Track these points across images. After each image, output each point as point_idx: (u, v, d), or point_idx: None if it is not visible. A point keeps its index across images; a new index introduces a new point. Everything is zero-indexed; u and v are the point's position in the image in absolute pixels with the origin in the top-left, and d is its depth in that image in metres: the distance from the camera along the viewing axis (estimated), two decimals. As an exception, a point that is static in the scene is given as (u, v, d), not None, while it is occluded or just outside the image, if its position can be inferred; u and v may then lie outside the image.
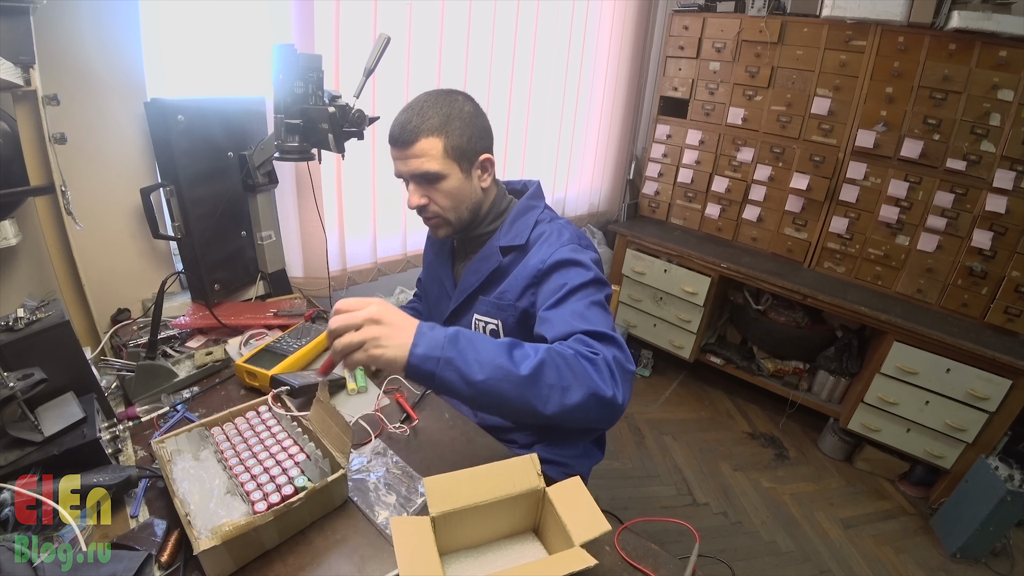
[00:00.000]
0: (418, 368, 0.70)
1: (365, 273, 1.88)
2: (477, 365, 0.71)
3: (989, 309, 1.93)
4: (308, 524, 0.76)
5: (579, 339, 0.81)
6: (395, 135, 0.95)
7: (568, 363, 0.75)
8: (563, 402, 0.73)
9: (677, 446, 2.30)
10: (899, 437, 2.05)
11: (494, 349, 0.73)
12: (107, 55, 1.16)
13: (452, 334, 0.72)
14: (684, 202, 2.60)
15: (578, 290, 0.91)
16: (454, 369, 0.70)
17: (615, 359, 0.79)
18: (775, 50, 2.18)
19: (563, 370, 0.74)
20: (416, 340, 0.70)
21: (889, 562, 1.82)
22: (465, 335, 0.73)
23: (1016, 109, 1.78)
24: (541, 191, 1.12)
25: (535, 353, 0.74)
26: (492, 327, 1.05)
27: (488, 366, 0.71)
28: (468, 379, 0.70)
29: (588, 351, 0.78)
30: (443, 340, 0.71)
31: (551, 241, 1.00)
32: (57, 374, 0.79)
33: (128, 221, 1.29)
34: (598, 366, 0.76)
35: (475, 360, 0.71)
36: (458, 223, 1.03)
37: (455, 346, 0.71)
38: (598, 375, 0.75)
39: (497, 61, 1.99)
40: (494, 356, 0.72)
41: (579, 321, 0.85)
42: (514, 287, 1.01)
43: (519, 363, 0.72)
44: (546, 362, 0.73)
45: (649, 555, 0.76)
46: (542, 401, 0.72)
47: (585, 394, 0.74)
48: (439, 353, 0.70)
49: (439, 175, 0.95)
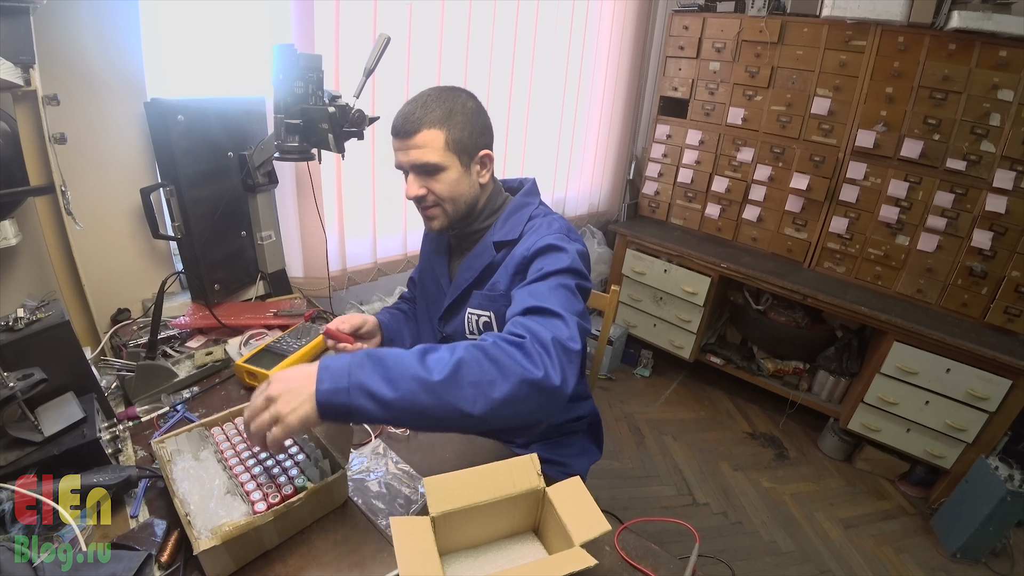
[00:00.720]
0: (328, 404, 0.65)
1: (365, 273, 1.88)
2: (388, 383, 0.66)
3: (989, 309, 1.93)
4: (308, 524, 0.77)
5: (517, 320, 0.78)
6: (397, 126, 0.96)
7: (488, 354, 0.69)
8: (491, 396, 0.67)
9: (677, 446, 2.30)
10: (899, 437, 2.05)
11: (404, 361, 0.68)
12: (107, 55, 1.16)
13: (358, 358, 0.68)
14: (684, 202, 2.60)
15: (552, 275, 0.88)
16: (364, 393, 0.65)
17: (554, 339, 0.73)
18: (775, 50, 2.18)
19: (483, 363, 0.69)
20: (319, 377, 0.66)
21: (889, 562, 1.82)
22: (373, 355, 0.69)
23: (1016, 109, 1.78)
24: (536, 188, 1.12)
25: (451, 353, 0.69)
26: (485, 319, 1.05)
27: (400, 380, 0.66)
28: (382, 400, 0.65)
29: (515, 335, 0.74)
30: (347, 367, 0.67)
31: (539, 230, 1.00)
32: (57, 374, 0.79)
33: (128, 221, 1.29)
34: (525, 348, 0.71)
35: (384, 378, 0.66)
36: (454, 216, 1.03)
37: (361, 369, 0.67)
38: (526, 358, 0.70)
39: (497, 61, 1.99)
40: (405, 368, 0.67)
41: (531, 298, 0.81)
42: (504, 277, 1.02)
43: (432, 368, 0.67)
44: (463, 360, 0.68)
45: (649, 555, 0.76)
46: (468, 402, 0.67)
47: (514, 383, 0.68)
48: (345, 383, 0.65)
49: (439, 167, 0.96)
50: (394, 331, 1.16)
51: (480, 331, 1.07)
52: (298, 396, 0.66)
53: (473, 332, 1.08)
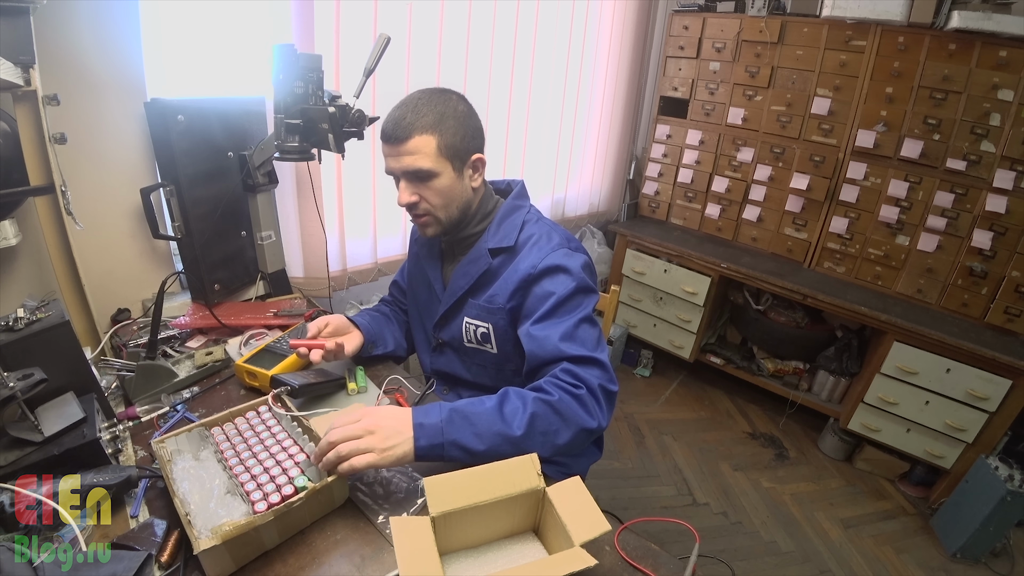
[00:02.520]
0: (426, 456, 0.78)
1: (365, 273, 1.88)
2: (477, 439, 0.79)
3: (989, 309, 1.93)
4: (308, 524, 0.76)
5: (565, 369, 0.88)
6: (388, 132, 0.94)
7: (555, 408, 0.83)
8: (555, 444, 0.82)
9: (677, 446, 2.30)
10: (899, 437, 2.05)
11: (488, 417, 0.80)
12: (107, 55, 1.16)
13: (447, 417, 0.79)
14: (684, 202, 2.60)
15: (565, 301, 0.94)
16: (458, 448, 0.78)
17: (600, 386, 0.86)
18: (775, 50, 2.18)
19: (551, 417, 0.82)
20: (417, 435, 0.77)
21: (889, 562, 1.82)
22: (459, 413, 0.80)
23: (1016, 109, 1.78)
24: (525, 190, 1.12)
25: (524, 407, 0.82)
26: (483, 330, 1.05)
27: (487, 435, 0.79)
28: (472, 452, 0.79)
29: (572, 385, 0.85)
30: (440, 426, 0.78)
31: (541, 245, 1.00)
32: (57, 374, 0.79)
33: (128, 221, 1.29)
34: (583, 401, 0.84)
35: (474, 434, 0.79)
36: (448, 222, 1.02)
37: (452, 427, 0.79)
38: (584, 410, 0.84)
39: (497, 61, 1.99)
40: (490, 424, 0.80)
41: (566, 344, 0.90)
42: (504, 291, 1.01)
43: (511, 422, 0.80)
44: (536, 415, 0.81)
45: (649, 555, 0.76)
46: (537, 448, 0.79)
47: (575, 432, 0.83)
48: (440, 439, 0.78)
49: (431, 173, 0.94)
50: (375, 333, 1.16)
51: (478, 341, 1.07)
52: (398, 438, 0.77)
53: (471, 341, 1.08)
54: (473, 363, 1.11)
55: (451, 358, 1.14)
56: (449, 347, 1.13)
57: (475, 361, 1.11)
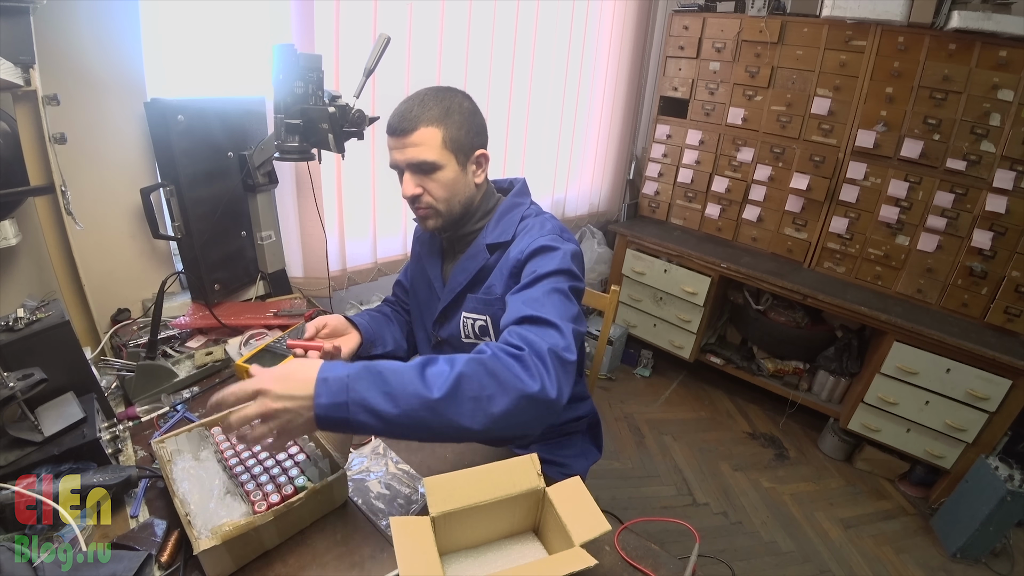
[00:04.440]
0: (328, 419, 0.66)
1: (365, 273, 1.88)
2: (388, 398, 0.66)
3: (989, 309, 1.92)
4: (308, 524, 0.77)
5: (513, 330, 0.78)
6: (394, 124, 0.95)
7: (488, 368, 0.69)
8: (489, 411, 0.67)
9: (677, 446, 2.30)
10: (899, 437, 2.05)
11: (405, 375, 0.68)
12: (107, 55, 1.16)
13: (355, 371, 0.67)
14: (684, 202, 2.60)
15: (544, 277, 0.89)
16: (364, 409, 0.65)
17: (550, 350, 0.73)
18: (775, 50, 2.18)
19: (483, 378, 0.68)
20: (317, 391, 0.65)
21: (889, 562, 1.82)
22: (371, 368, 0.68)
23: (1016, 109, 1.78)
24: (527, 188, 1.12)
25: (451, 367, 0.69)
26: (481, 323, 1.05)
27: (401, 396, 0.66)
28: (382, 415, 0.65)
29: (514, 346, 0.73)
30: (346, 381, 0.66)
31: (532, 232, 1.00)
32: (57, 374, 0.79)
33: (128, 221, 1.29)
34: (524, 361, 0.71)
35: (384, 393, 0.66)
36: (448, 216, 1.02)
37: (360, 383, 0.66)
38: (524, 371, 0.70)
39: (497, 61, 1.99)
40: (405, 384, 0.67)
41: (527, 306, 0.81)
42: (499, 280, 1.01)
43: (432, 384, 0.67)
44: (464, 375, 0.68)
45: (649, 555, 0.76)
46: (467, 417, 0.67)
47: (513, 398, 0.68)
48: (344, 397, 0.65)
49: (436, 165, 0.95)
50: (374, 333, 1.15)
51: (476, 335, 1.07)
52: (295, 404, 0.65)
53: (469, 336, 1.08)
54: None
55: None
56: (448, 344, 1.13)
57: None
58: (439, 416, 0.66)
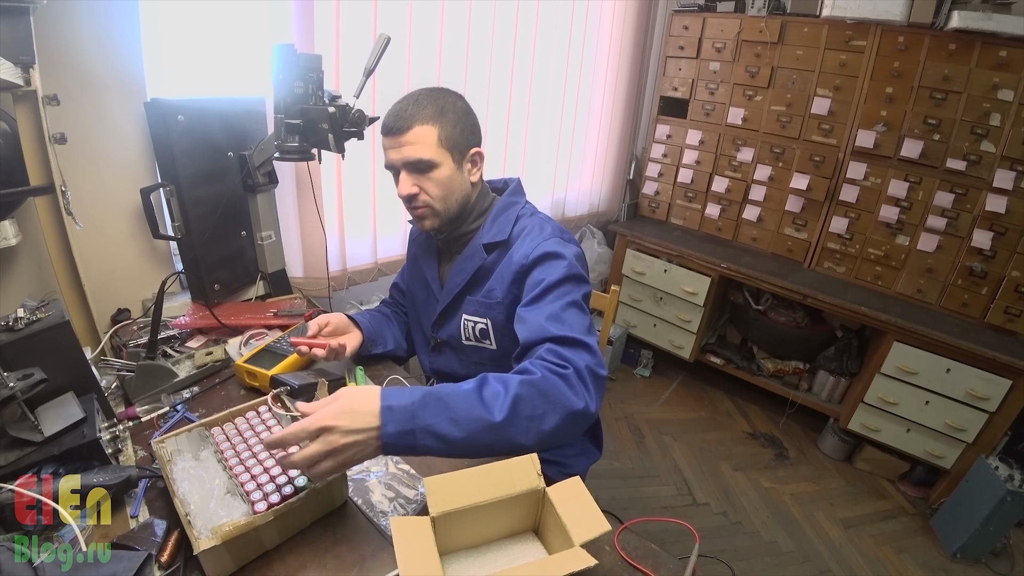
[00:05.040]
0: (395, 445, 0.68)
1: (365, 273, 1.88)
2: (454, 424, 0.69)
3: (989, 309, 1.93)
4: (308, 524, 0.76)
5: (550, 349, 0.82)
6: (389, 124, 0.96)
7: (539, 389, 0.74)
8: (541, 430, 0.73)
9: (677, 446, 2.30)
10: (899, 437, 2.05)
11: (466, 400, 0.71)
12: (107, 55, 1.16)
13: (419, 398, 0.70)
14: (684, 202, 2.60)
15: (556, 287, 0.91)
16: (433, 435, 0.68)
17: (587, 367, 0.79)
18: (775, 50, 2.18)
19: (536, 399, 0.73)
20: (384, 420, 0.67)
21: (889, 562, 1.82)
22: (433, 395, 0.71)
23: (1016, 109, 1.78)
24: (521, 187, 1.13)
25: (505, 390, 0.73)
26: (481, 326, 1.05)
27: (465, 421, 0.70)
28: (448, 439, 0.69)
29: (558, 365, 0.78)
30: (411, 409, 0.68)
31: (533, 235, 1.01)
32: (57, 374, 0.79)
33: (128, 221, 1.29)
34: (569, 380, 0.77)
35: (449, 419, 0.69)
36: (446, 215, 1.02)
37: (426, 410, 0.69)
38: (571, 390, 0.76)
39: (497, 61, 1.99)
40: (468, 408, 0.70)
41: (552, 325, 0.85)
42: (500, 284, 1.02)
43: (492, 407, 0.71)
44: (519, 397, 0.72)
45: (649, 555, 0.76)
46: (523, 435, 0.72)
47: (562, 415, 0.74)
48: (411, 425, 0.68)
49: (432, 163, 0.96)
50: (375, 332, 1.16)
51: (476, 337, 1.07)
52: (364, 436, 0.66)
53: (469, 339, 1.08)
54: (472, 361, 1.11)
55: (450, 357, 1.14)
56: (448, 346, 1.13)
57: (473, 359, 1.11)
58: (500, 437, 0.71)
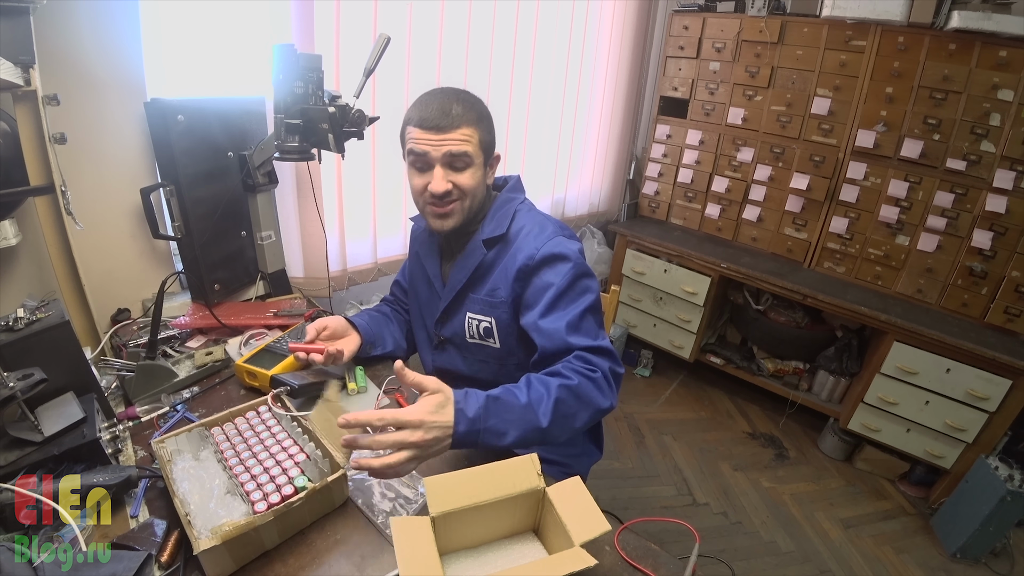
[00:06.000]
0: (462, 443, 0.77)
1: (365, 273, 1.88)
2: (512, 426, 0.79)
3: (989, 309, 1.92)
4: (308, 524, 0.77)
5: (578, 356, 0.90)
6: (434, 118, 0.94)
7: (576, 393, 0.85)
8: (572, 426, 0.85)
9: (677, 446, 2.30)
10: (899, 437, 2.05)
11: (519, 406, 0.81)
12: (107, 55, 1.16)
13: (483, 402, 0.79)
14: (684, 202, 2.60)
15: (567, 291, 0.95)
16: (495, 435, 0.79)
17: (610, 369, 0.90)
18: (775, 50, 2.18)
19: (571, 400, 0.84)
20: (457, 419, 0.76)
21: (889, 562, 1.82)
22: (495, 400, 0.80)
23: (1016, 109, 1.78)
24: (521, 184, 1.14)
25: (548, 394, 0.83)
26: (485, 325, 1.06)
27: (520, 423, 0.80)
28: (504, 439, 0.79)
29: (588, 369, 0.88)
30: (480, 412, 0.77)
31: (535, 234, 1.02)
32: (57, 374, 0.79)
33: (128, 221, 1.29)
34: (598, 383, 0.87)
35: (509, 421, 0.79)
36: (468, 213, 1.04)
37: (491, 415, 0.79)
38: (599, 392, 0.87)
39: (497, 61, 1.99)
40: (522, 413, 0.81)
41: (574, 336, 0.92)
42: (504, 282, 1.02)
43: (538, 411, 0.81)
44: (559, 400, 0.83)
45: (649, 555, 0.76)
46: (557, 433, 0.83)
47: (591, 413, 0.86)
48: (480, 425, 0.77)
49: (471, 161, 0.98)
50: (373, 335, 1.16)
51: (481, 336, 1.07)
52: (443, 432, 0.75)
53: (474, 337, 1.08)
54: (475, 359, 1.11)
55: (452, 355, 1.14)
56: (451, 344, 1.14)
57: (477, 357, 1.11)
58: (543, 437, 0.82)
